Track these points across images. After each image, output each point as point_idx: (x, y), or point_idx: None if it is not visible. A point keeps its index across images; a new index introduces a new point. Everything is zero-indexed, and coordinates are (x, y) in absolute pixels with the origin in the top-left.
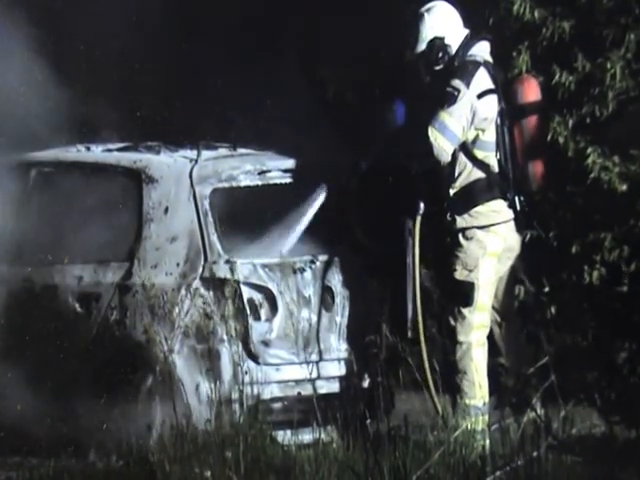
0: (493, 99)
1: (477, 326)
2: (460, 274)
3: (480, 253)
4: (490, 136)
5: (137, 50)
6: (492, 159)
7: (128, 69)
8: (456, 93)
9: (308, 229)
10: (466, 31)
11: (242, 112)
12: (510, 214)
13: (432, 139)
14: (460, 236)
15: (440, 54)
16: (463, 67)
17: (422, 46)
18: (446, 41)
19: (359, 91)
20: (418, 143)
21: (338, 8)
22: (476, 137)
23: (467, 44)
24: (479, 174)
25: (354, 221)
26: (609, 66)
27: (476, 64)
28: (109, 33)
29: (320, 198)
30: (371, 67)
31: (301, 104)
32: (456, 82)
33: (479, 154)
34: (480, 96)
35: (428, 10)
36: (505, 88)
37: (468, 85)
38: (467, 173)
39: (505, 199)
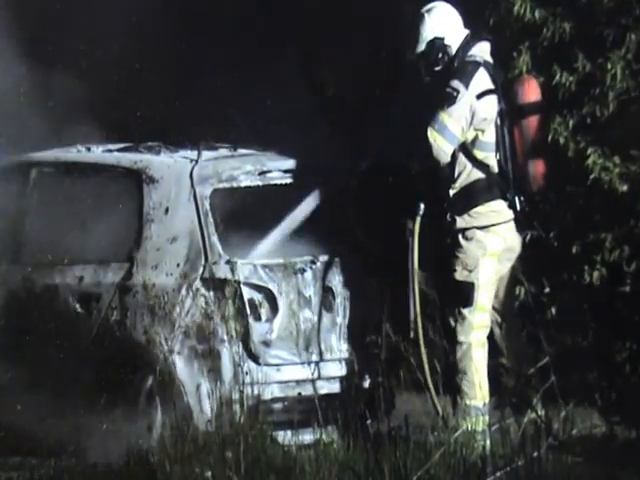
0: (493, 99)
1: (477, 326)
2: (460, 274)
3: (480, 253)
4: (490, 137)
5: (137, 50)
6: (492, 159)
7: (129, 69)
8: (455, 94)
9: (308, 229)
10: (466, 31)
11: (242, 112)
12: (510, 214)
13: (431, 140)
14: (460, 236)
15: (440, 54)
16: (463, 68)
17: (422, 46)
18: (446, 41)
19: (359, 91)
20: (417, 143)
21: (338, 8)
22: (475, 138)
23: (467, 44)
24: (479, 174)
25: (354, 221)
26: (609, 66)
27: (476, 64)
28: (109, 33)
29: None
30: (371, 67)
31: (301, 104)
32: (455, 83)
33: (479, 154)
34: (479, 97)
35: (429, 10)
36: (505, 88)
37: (467, 86)
38: (467, 173)
39: (505, 199)
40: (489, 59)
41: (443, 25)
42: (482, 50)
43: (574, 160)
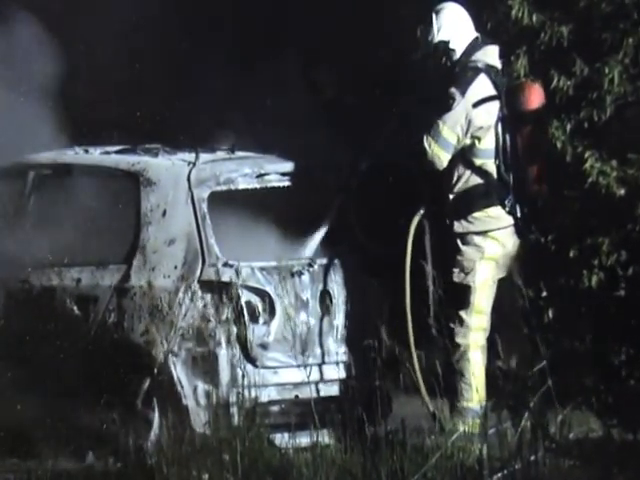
0: (492, 107)
1: (475, 329)
2: (457, 277)
3: (477, 257)
4: (488, 144)
5: (137, 51)
6: (491, 166)
7: (128, 69)
8: (451, 101)
9: (306, 232)
10: (474, 35)
11: (241, 114)
12: (509, 220)
13: (426, 146)
14: (458, 240)
15: (443, 59)
16: (462, 74)
17: (428, 48)
18: (451, 45)
19: (359, 92)
20: (416, 146)
21: (338, 9)
22: (472, 145)
23: (472, 49)
24: (477, 180)
25: (354, 221)
26: (607, 71)
27: (476, 71)
28: (109, 33)
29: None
30: (371, 68)
31: (301, 105)
32: (452, 90)
33: (477, 161)
34: (476, 105)
35: (437, 12)
36: (509, 94)
37: (464, 94)
38: (465, 179)
39: (503, 206)
40: (495, 63)
41: (450, 28)
42: (488, 54)
43: (572, 164)
